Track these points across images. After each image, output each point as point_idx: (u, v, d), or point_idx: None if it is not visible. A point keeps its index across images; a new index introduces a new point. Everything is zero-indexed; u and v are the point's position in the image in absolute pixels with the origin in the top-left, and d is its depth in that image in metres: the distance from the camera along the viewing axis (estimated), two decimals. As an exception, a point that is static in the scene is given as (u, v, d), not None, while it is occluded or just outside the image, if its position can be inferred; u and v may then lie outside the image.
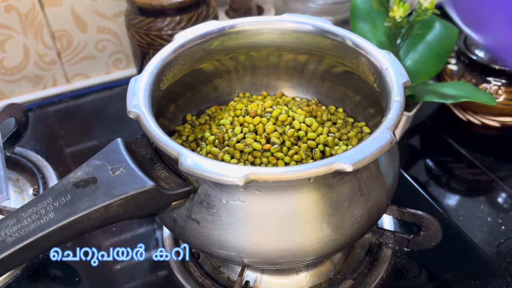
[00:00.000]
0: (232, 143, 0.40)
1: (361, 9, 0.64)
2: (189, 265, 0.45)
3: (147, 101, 0.35)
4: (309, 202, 0.33)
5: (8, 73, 0.67)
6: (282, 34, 0.44)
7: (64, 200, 0.32)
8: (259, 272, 0.44)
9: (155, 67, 0.38)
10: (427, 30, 0.63)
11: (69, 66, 0.71)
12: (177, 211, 0.35)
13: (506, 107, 0.60)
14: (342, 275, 0.44)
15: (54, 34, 0.67)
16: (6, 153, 0.55)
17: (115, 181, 0.32)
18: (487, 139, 0.64)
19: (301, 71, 0.48)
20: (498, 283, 0.43)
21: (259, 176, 0.29)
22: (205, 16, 0.63)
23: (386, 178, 0.37)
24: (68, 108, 0.67)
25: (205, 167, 0.30)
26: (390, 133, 0.32)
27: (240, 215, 0.33)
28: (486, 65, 0.60)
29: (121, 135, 0.37)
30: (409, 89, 0.58)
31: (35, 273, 0.45)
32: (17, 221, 0.31)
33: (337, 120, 0.46)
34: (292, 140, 0.40)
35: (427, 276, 0.44)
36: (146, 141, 0.36)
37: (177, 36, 0.42)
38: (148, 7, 0.60)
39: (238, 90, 0.50)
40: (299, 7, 0.78)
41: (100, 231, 0.49)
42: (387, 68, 0.37)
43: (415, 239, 0.43)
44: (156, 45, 0.62)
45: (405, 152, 0.63)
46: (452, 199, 0.56)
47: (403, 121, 0.62)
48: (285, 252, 0.34)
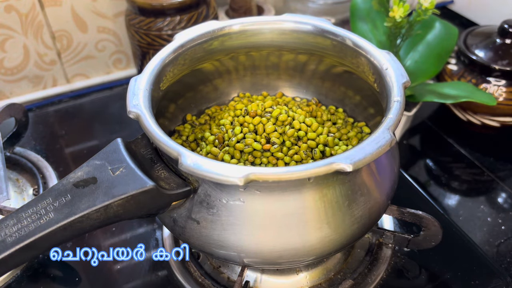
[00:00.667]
0: (232, 143, 0.40)
1: (361, 9, 0.64)
2: (189, 265, 0.45)
3: (147, 101, 0.35)
4: (309, 202, 0.33)
5: (8, 73, 0.67)
6: (282, 34, 0.44)
7: (64, 200, 0.32)
8: (259, 272, 0.44)
9: (155, 67, 0.38)
10: (427, 30, 0.63)
11: (69, 66, 0.71)
12: (177, 211, 0.35)
13: (506, 107, 0.59)
14: (342, 275, 0.44)
15: (54, 34, 0.67)
16: (6, 153, 0.55)
17: (115, 181, 0.32)
18: (487, 139, 0.64)
19: (301, 71, 0.48)
20: (498, 283, 0.43)
21: (259, 176, 0.29)
22: (205, 16, 0.63)
23: (386, 178, 0.37)
24: (68, 108, 0.67)
25: (205, 167, 0.30)
26: (390, 133, 0.32)
27: (240, 215, 0.33)
28: (486, 65, 0.60)
29: (121, 135, 0.37)
30: (409, 89, 0.58)
31: (35, 273, 0.45)
32: (17, 221, 0.31)
33: (337, 120, 0.46)
34: (292, 140, 0.40)
35: (427, 276, 0.44)
36: (146, 141, 0.36)
37: (177, 36, 0.42)
38: (148, 7, 0.60)
39: (238, 90, 0.50)
40: (299, 7, 0.78)
41: (100, 231, 0.49)
42: (387, 68, 0.37)
43: (415, 239, 0.43)
44: (156, 45, 0.62)
45: (405, 152, 0.63)
46: (452, 199, 0.56)
47: (403, 121, 0.62)
48: (285, 252, 0.34)
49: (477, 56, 0.61)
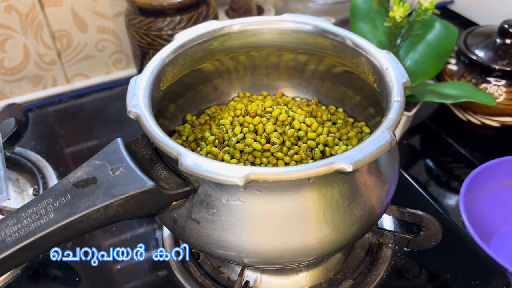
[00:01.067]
0: (232, 143, 0.40)
1: (361, 9, 0.64)
2: (189, 265, 0.45)
3: (147, 101, 0.35)
4: (309, 202, 0.33)
5: (8, 73, 0.67)
6: (282, 34, 0.44)
7: (64, 200, 0.32)
8: (259, 272, 0.44)
9: (155, 67, 0.38)
10: (427, 30, 0.63)
11: (69, 66, 0.71)
12: (177, 211, 0.35)
13: (506, 107, 0.59)
14: (342, 275, 0.44)
15: (54, 34, 0.67)
16: (6, 153, 0.55)
17: (115, 181, 0.32)
18: (487, 139, 0.64)
19: (301, 71, 0.48)
20: (498, 283, 0.43)
21: (259, 176, 0.29)
22: (205, 16, 0.63)
23: (386, 178, 0.37)
24: (68, 108, 0.67)
25: (205, 167, 0.30)
26: (390, 133, 0.32)
27: (240, 215, 0.33)
28: (486, 65, 0.60)
29: (121, 135, 0.37)
30: (409, 89, 0.58)
31: (35, 273, 0.45)
32: (17, 221, 0.31)
33: (337, 120, 0.46)
34: (292, 140, 0.40)
35: (427, 276, 0.44)
36: (146, 141, 0.36)
37: (177, 36, 0.42)
38: (148, 7, 0.60)
39: (238, 90, 0.50)
40: (299, 7, 0.78)
41: (100, 231, 0.49)
42: (387, 68, 0.37)
43: (415, 239, 0.43)
44: (156, 45, 0.62)
45: (405, 152, 0.63)
46: (452, 199, 0.56)
47: (403, 121, 0.62)
48: (285, 252, 0.34)
49: (477, 56, 0.61)
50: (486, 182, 0.53)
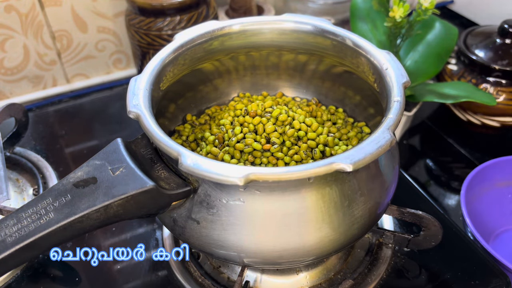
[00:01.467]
0: (232, 143, 0.40)
1: (361, 9, 0.64)
2: (189, 265, 0.45)
3: (147, 101, 0.35)
4: (309, 202, 0.33)
5: (8, 73, 0.67)
6: (282, 34, 0.44)
7: (64, 200, 0.32)
8: (259, 272, 0.44)
9: (155, 67, 0.38)
10: (427, 30, 0.63)
11: (69, 66, 0.71)
12: (177, 211, 0.35)
13: (506, 107, 0.60)
14: (342, 275, 0.44)
15: (54, 34, 0.67)
16: (6, 153, 0.55)
17: (115, 181, 0.32)
18: (487, 139, 0.64)
19: (301, 71, 0.48)
20: (498, 283, 0.43)
21: (259, 176, 0.29)
22: (205, 16, 0.63)
23: (386, 178, 0.37)
24: (68, 108, 0.67)
25: (205, 167, 0.30)
26: (390, 133, 0.32)
27: (240, 215, 0.33)
28: (486, 65, 0.60)
29: (121, 135, 0.37)
30: (409, 89, 0.58)
31: (35, 273, 0.45)
32: (17, 221, 0.31)
33: (337, 120, 0.46)
34: (292, 140, 0.40)
35: (427, 276, 0.44)
36: (146, 141, 0.36)
37: (177, 36, 0.42)
38: (148, 7, 0.60)
39: (238, 90, 0.50)
40: (299, 7, 0.78)
41: (100, 231, 0.49)
42: (387, 68, 0.37)
43: (415, 239, 0.43)
44: (156, 45, 0.62)
45: (405, 152, 0.63)
46: (452, 199, 0.56)
47: (403, 121, 0.62)
48: (285, 252, 0.34)
49: (477, 56, 0.61)
50: (486, 182, 0.53)
